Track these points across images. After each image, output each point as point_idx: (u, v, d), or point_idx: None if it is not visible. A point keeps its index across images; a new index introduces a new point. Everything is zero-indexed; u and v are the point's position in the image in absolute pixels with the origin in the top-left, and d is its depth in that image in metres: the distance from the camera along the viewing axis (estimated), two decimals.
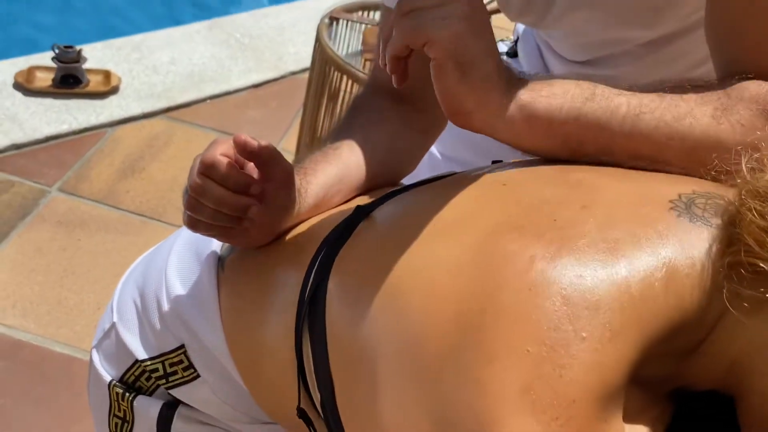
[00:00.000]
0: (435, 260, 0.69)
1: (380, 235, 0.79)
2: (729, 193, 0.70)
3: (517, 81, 0.79)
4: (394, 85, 0.79)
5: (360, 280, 0.75)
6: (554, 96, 0.78)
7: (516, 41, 1.29)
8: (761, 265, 0.62)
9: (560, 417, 0.58)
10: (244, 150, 0.83)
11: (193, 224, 0.86)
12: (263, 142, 0.84)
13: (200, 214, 0.84)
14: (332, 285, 0.78)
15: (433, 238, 0.72)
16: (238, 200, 0.83)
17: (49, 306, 2.16)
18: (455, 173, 0.88)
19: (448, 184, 0.81)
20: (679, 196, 0.70)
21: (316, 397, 0.78)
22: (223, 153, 0.83)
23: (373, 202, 0.86)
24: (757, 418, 0.67)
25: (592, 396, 0.59)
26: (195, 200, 0.84)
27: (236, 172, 0.83)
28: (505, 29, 1.35)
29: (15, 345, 2.05)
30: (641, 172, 0.79)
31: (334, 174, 0.93)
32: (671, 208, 0.69)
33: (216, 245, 0.93)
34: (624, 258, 0.64)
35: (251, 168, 0.85)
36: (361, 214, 0.83)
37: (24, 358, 2.03)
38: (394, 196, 0.86)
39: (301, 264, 0.83)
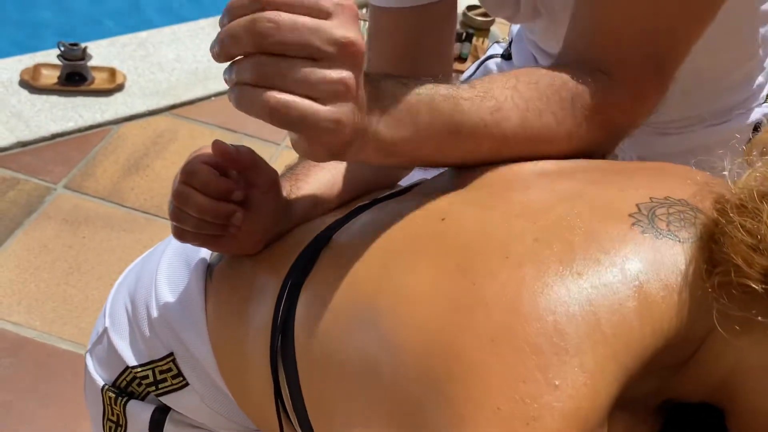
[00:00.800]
0: (392, 307, 0.64)
1: (338, 267, 0.74)
2: (685, 194, 0.67)
3: (383, 122, 0.74)
4: None
5: (321, 314, 0.71)
6: (401, 125, 0.74)
7: (510, 43, 1.30)
8: (752, 285, 0.59)
9: None
10: (224, 156, 0.83)
11: (180, 234, 0.85)
12: (242, 148, 0.83)
13: (185, 223, 0.84)
14: (299, 316, 0.75)
15: (390, 272, 0.68)
16: (220, 207, 0.83)
17: (54, 303, 2.16)
18: (413, 187, 0.86)
19: (395, 213, 0.76)
20: (638, 207, 0.66)
21: (298, 431, 0.76)
22: (203, 161, 0.82)
23: (336, 221, 0.84)
24: None
25: None
26: (179, 209, 0.83)
27: (216, 178, 0.82)
28: (503, 23, 1.36)
29: (20, 342, 2.06)
30: (581, 177, 0.74)
31: (326, 180, 0.93)
32: (633, 224, 0.64)
33: (205, 252, 0.92)
34: (591, 292, 0.59)
35: (233, 175, 0.84)
36: (322, 240, 0.81)
37: (29, 354, 2.03)
38: (361, 212, 0.84)
39: (277, 276, 0.81)
